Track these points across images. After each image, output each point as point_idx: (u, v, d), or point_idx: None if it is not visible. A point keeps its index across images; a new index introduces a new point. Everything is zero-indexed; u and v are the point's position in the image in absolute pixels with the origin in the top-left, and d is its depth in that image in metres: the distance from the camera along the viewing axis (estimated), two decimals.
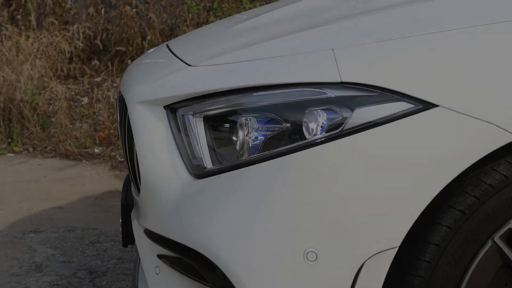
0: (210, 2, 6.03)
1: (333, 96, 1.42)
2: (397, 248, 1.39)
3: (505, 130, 1.35)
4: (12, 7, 5.98)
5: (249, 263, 1.43)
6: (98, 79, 5.66)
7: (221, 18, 5.45)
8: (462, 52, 1.40)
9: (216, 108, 1.53)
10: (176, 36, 5.46)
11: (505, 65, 1.38)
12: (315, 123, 1.42)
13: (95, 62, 5.77)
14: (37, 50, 5.34)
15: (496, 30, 1.41)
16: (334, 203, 1.39)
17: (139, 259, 1.86)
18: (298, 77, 1.45)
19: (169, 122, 1.62)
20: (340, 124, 1.40)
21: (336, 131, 1.40)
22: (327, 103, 1.42)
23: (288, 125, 1.45)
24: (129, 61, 5.64)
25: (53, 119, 4.98)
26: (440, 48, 1.41)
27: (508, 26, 1.41)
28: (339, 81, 1.42)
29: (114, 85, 5.43)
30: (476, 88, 1.37)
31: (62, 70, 5.56)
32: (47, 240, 3.18)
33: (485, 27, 1.41)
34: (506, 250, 1.44)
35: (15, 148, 4.79)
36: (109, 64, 5.76)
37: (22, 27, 5.70)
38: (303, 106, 1.44)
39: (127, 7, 5.95)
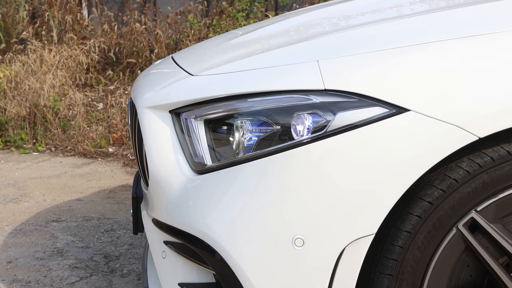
0: (209, 20, 6.02)
1: (318, 101, 1.41)
2: (374, 235, 1.39)
3: (468, 131, 1.35)
4: (37, 24, 5.96)
5: (244, 248, 1.42)
6: (112, 87, 5.65)
7: (219, 34, 5.44)
8: (431, 62, 1.39)
9: (215, 112, 1.53)
10: (180, 49, 5.46)
11: (467, 73, 1.37)
12: (302, 125, 1.41)
13: (109, 72, 5.76)
14: (58, 62, 5.32)
15: (462, 41, 1.40)
16: (318, 195, 1.38)
17: (148, 245, 1.85)
18: (287, 85, 1.45)
19: (174, 125, 1.61)
20: (324, 126, 1.40)
21: (321, 133, 1.39)
22: (312, 108, 1.42)
23: (278, 127, 1.45)
24: (139, 71, 5.63)
25: (72, 122, 4.97)
26: (411, 59, 1.40)
27: (471, 41, 1.40)
28: (323, 88, 1.41)
29: (126, 92, 5.41)
30: (443, 94, 1.37)
31: (80, 80, 5.55)
32: (67, 228, 3.17)
33: (453, 41, 1.41)
34: (468, 236, 1.44)
35: (39, 148, 4.77)
36: (121, 74, 5.75)
37: (45, 42, 5.69)
38: (291, 110, 1.43)
39: (137, 24, 5.93)
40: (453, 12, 1.61)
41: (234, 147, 1.50)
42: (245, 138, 1.48)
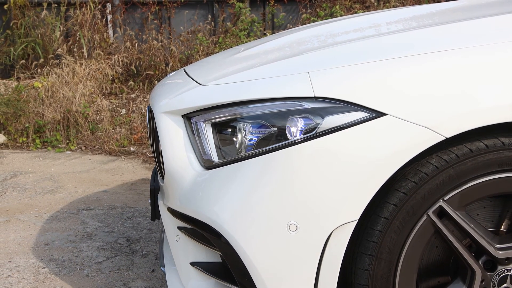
0: (216, 38, 6.01)
1: (309, 107, 1.41)
2: (357, 221, 1.39)
3: (436, 132, 1.35)
4: (70, 42, 5.95)
5: (246, 233, 1.41)
6: (133, 95, 5.64)
7: (224, 49, 5.44)
8: (405, 72, 1.39)
9: (221, 116, 1.52)
10: (191, 63, 5.45)
11: (434, 83, 1.37)
12: (295, 127, 1.41)
13: (131, 82, 5.75)
14: (88, 74, 5.31)
15: (429, 57, 1.40)
16: (309, 187, 1.38)
17: (164, 230, 1.84)
18: (282, 93, 1.44)
19: (186, 127, 1.60)
20: (314, 128, 1.39)
21: (311, 134, 1.39)
22: (304, 113, 1.41)
23: (275, 129, 1.44)
24: (156, 82, 5.62)
25: (100, 126, 4.96)
26: (388, 70, 1.40)
27: (441, 55, 1.40)
28: (313, 96, 1.41)
29: (145, 100, 5.41)
30: (415, 100, 1.36)
31: (106, 89, 5.54)
32: (96, 215, 3.16)
33: (423, 55, 1.40)
34: (437, 221, 1.43)
35: (72, 147, 4.76)
36: (141, 84, 5.74)
37: (77, 57, 5.68)
38: (286, 115, 1.43)
39: (155, 42, 5.92)
40: (421, 31, 1.60)
41: (237, 146, 1.49)
42: (246, 139, 1.47)
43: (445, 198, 1.42)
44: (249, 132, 1.47)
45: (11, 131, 4.88)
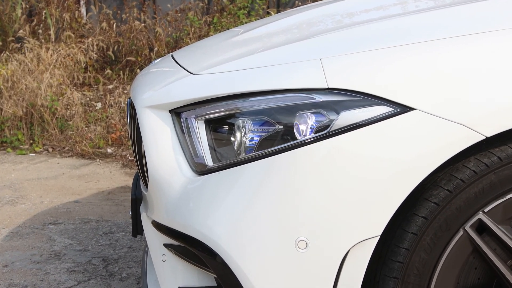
0: (210, 17, 6.03)
1: (321, 100, 1.41)
2: (379, 237, 1.39)
3: (474, 130, 1.35)
4: (34, 23, 5.97)
5: (246, 251, 1.42)
6: (111, 86, 5.65)
7: (220, 32, 5.45)
8: (437, 59, 1.39)
9: (216, 112, 1.53)
10: (180, 47, 5.46)
11: (474, 72, 1.37)
12: (305, 125, 1.41)
13: (108, 71, 5.76)
14: (55, 60, 5.33)
15: (464, 41, 1.40)
16: (322, 197, 1.38)
17: (148, 248, 1.85)
18: (289, 84, 1.45)
19: (174, 125, 1.61)
20: (327, 126, 1.40)
21: (324, 132, 1.39)
22: (315, 107, 1.42)
23: (281, 127, 1.45)
24: (138, 70, 5.63)
25: (70, 123, 4.97)
26: (416, 56, 1.40)
27: (479, 37, 1.40)
28: (326, 87, 1.41)
29: (125, 91, 5.42)
30: (449, 93, 1.37)
31: (78, 79, 5.56)
32: (65, 231, 3.17)
33: (456, 38, 1.41)
34: (475, 238, 1.43)
35: (36, 149, 4.78)
36: (120, 73, 5.76)
37: (43, 40, 5.70)
38: (294, 109, 1.43)
39: (136, 22, 5.94)
40: (462, 9, 1.61)
41: (235, 147, 1.50)
42: (246, 138, 1.48)
43: (486, 210, 1.43)
44: (250, 130, 1.48)
45: None
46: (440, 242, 1.43)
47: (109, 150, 4.69)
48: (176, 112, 1.61)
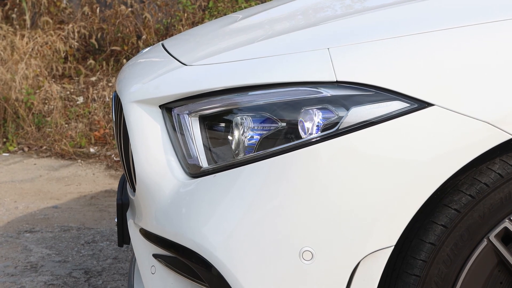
0: (205, 2, 6.03)
1: (329, 95, 1.42)
2: (393, 247, 1.40)
3: (500, 129, 1.36)
4: (7, 6, 5.97)
5: (245, 262, 1.43)
6: (94, 78, 5.65)
7: (216, 18, 5.45)
8: (458, 51, 1.40)
9: (212, 107, 1.53)
10: (172, 35, 5.46)
11: (500, 65, 1.38)
12: (311, 122, 1.42)
13: (90, 61, 5.76)
14: (32, 49, 5.33)
15: (491, 30, 1.41)
16: (329, 202, 1.39)
17: (135, 259, 1.86)
18: (294, 76, 1.45)
19: (165, 122, 1.61)
20: (336, 123, 1.40)
21: (332, 130, 1.40)
22: (322, 102, 1.42)
23: (284, 124, 1.45)
24: (124, 60, 5.63)
25: (48, 119, 4.97)
26: (436, 47, 1.41)
27: (502, 26, 1.41)
28: (335, 80, 1.42)
29: (110, 84, 5.42)
30: (472, 87, 1.37)
31: (57, 70, 5.56)
32: (43, 239, 3.18)
33: (481, 26, 1.41)
34: (501, 249, 1.44)
35: (10, 148, 4.78)
36: (104, 64, 5.75)
37: (17, 26, 5.70)
38: (298, 105, 1.44)
39: (122, 7, 5.94)
40: None
41: (233, 147, 1.50)
42: (245, 137, 1.48)
43: None
44: (250, 128, 1.48)
45: None
46: (461, 253, 1.44)
47: (91, 150, 4.69)
48: (167, 108, 1.61)
